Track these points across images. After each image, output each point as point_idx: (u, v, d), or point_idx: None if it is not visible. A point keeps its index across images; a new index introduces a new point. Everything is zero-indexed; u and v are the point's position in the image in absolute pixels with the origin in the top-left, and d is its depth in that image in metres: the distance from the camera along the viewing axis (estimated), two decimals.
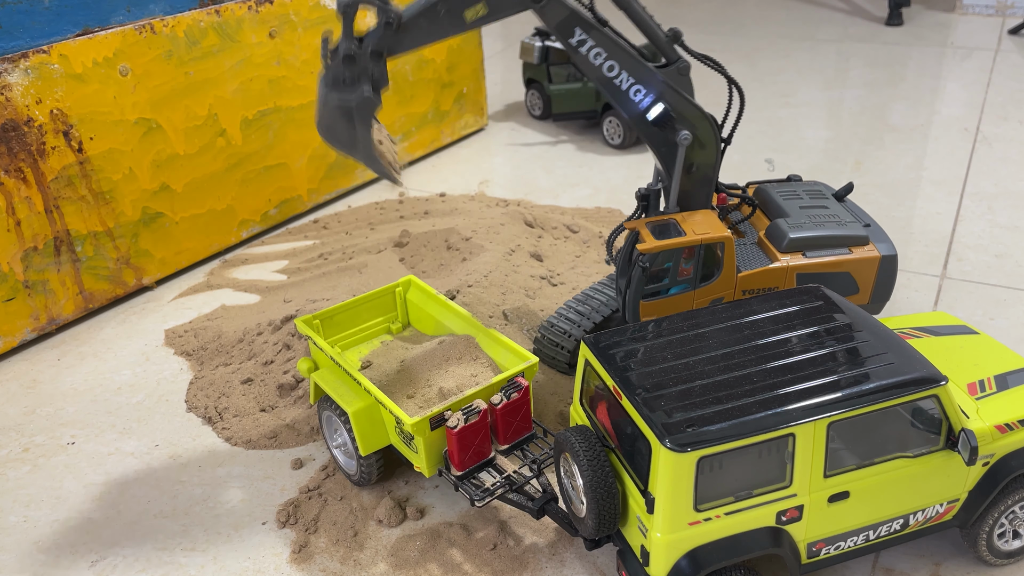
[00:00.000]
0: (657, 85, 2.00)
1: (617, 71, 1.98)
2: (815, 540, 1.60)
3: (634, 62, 1.97)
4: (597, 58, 1.96)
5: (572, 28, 1.93)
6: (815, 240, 2.17)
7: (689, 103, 2.03)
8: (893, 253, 2.20)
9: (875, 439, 1.56)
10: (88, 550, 1.95)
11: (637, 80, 1.99)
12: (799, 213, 2.26)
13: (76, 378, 2.56)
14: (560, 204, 3.46)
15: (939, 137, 3.91)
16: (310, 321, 2.13)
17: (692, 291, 2.10)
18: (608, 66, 1.97)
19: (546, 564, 1.84)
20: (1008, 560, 1.77)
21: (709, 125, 2.06)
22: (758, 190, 2.42)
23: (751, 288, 2.15)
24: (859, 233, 2.19)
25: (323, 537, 1.94)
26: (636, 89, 2.00)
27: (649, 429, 1.48)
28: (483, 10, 1.86)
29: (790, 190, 2.40)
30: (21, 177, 2.56)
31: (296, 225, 3.45)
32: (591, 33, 1.93)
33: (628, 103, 2.02)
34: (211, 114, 3.03)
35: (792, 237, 2.17)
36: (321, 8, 3.30)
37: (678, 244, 2.01)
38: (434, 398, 1.95)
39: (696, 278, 2.08)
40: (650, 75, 1.99)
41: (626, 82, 1.99)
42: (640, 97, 2.01)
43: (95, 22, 2.68)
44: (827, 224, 2.21)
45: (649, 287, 2.06)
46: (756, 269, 2.14)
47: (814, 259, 2.16)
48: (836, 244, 2.18)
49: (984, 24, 5.60)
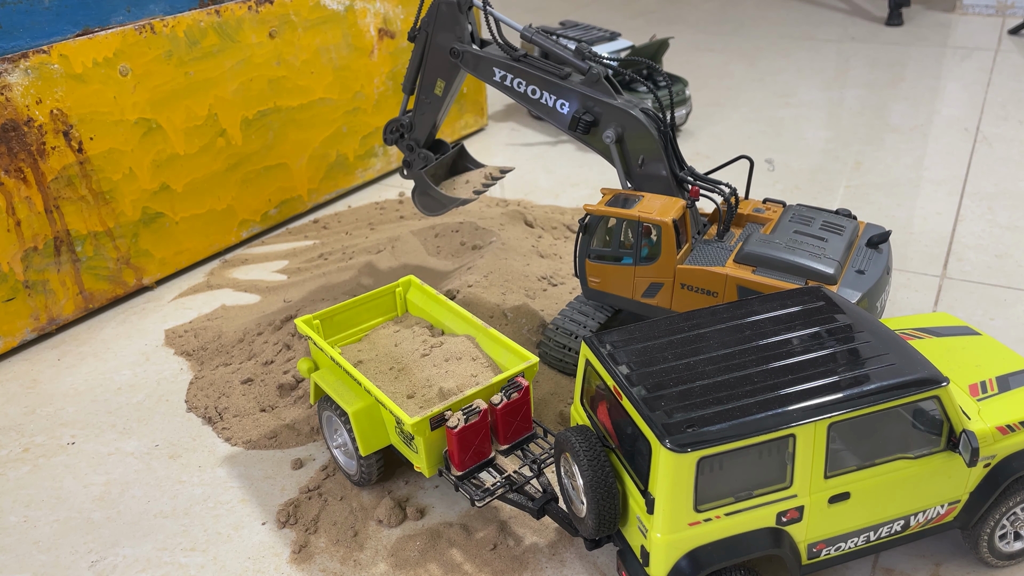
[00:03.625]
0: (576, 96, 2.24)
1: (539, 93, 2.30)
2: (815, 541, 1.59)
3: (550, 82, 2.27)
4: (520, 86, 2.31)
5: (491, 70, 2.33)
6: (772, 260, 2.06)
7: (607, 104, 2.21)
8: None
9: (876, 440, 1.56)
10: (88, 550, 1.95)
11: (558, 96, 2.28)
12: (785, 234, 2.15)
13: (76, 378, 2.56)
14: (560, 204, 3.46)
15: (939, 137, 3.91)
16: (310, 321, 2.13)
17: (633, 267, 2.19)
18: (531, 90, 2.31)
19: (546, 564, 1.84)
20: (1009, 562, 1.77)
21: (635, 118, 2.19)
22: (790, 207, 2.32)
23: (690, 284, 2.13)
24: (828, 271, 2.01)
25: (323, 537, 1.94)
26: (560, 103, 2.28)
27: (649, 429, 1.48)
28: (442, 83, 2.42)
29: (809, 216, 2.25)
30: (21, 177, 2.55)
31: (296, 225, 3.45)
32: (507, 69, 2.30)
33: (558, 117, 2.30)
34: (211, 114, 3.03)
35: (747, 250, 2.09)
36: (321, 8, 3.30)
37: (612, 213, 2.17)
38: (434, 398, 1.95)
39: (636, 254, 2.18)
40: (567, 89, 2.25)
41: (550, 100, 2.29)
42: (564, 109, 2.28)
43: (95, 22, 2.68)
44: (799, 251, 2.07)
45: (595, 248, 2.25)
46: (697, 266, 2.12)
47: (759, 277, 2.04)
48: (793, 271, 2.03)
49: (984, 24, 5.60)
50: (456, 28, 2.32)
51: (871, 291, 2.03)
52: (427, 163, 2.53)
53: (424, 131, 2.51)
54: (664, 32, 5.59)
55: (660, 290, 2.18)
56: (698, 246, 2.22)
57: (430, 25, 2.34)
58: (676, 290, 2.16)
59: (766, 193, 3.44)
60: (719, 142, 3.98)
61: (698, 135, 4.07)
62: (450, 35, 2.33)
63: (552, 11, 6.36)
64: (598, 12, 6.42)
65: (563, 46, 2.27)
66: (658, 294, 2.19)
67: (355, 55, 3.49)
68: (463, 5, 2.30)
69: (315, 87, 3.37)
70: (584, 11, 6.44)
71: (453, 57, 2.33)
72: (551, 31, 4.11)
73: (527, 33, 2.34)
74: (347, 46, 3.45)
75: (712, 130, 4.12)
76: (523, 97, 2.32)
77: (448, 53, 2.34)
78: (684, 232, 2.16)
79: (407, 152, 2.54)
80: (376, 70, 3.61)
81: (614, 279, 2.24)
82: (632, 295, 2.23)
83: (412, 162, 2.57)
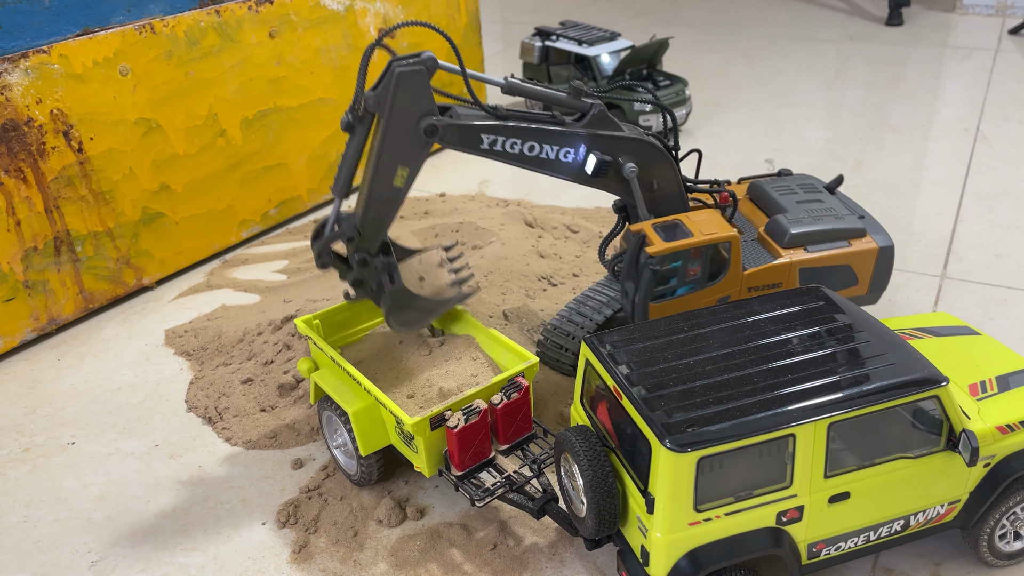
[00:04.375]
0: (581, 139, 2.01)
1: (539, 148, 2.00)
2: (815, 541, 1.59)
3: (548, 132, 1.99)
4: (515, 147, 1.98)
5: (477, 137, 1.95)
6: (815, 235, 2.19)
7: (620, 139, 2.03)
8: (890, 244, 2.22)
9: (876, 440, 1.56)
10: (88, 550, 1.95)
11: (561, 145, 2.01)
12: (796, 208, 2.28)
13: (76, 378, 2.56)
14: (560, 204, 3.46)
15: (939, 137, 3.91)
16: (310, 321, 2.13)
17: (699, 291, 2.10)
18: (528, 147, 1.99)
19: (546, 564, 1.84)
20: (1009, 561, 1.77)
21: (649, 145, 2.07)
22: (752, 185, 2.43)
23: (756, 285, 2.16)
24: (856, 226, 2.21)
25: (323, 537, 1.94)
26: (564, 152, 2.02)
27: (649, 429, 1.48)
28: (404, 171, 1.91)
29: (784, 185, 2.41)
30: (21, 177, 2.55)
31: (296, 225, 3.45)
32: (497, 132, 1.95)
33: (563, 167, 2.04)
34: (211, 114, 3.03)
35: (793, 232, 2.18)
36: (321, 8, 3.30)
37: (687, 245, 2.00)
38: (434, 398, 1.95)
39: (703, 278, 2.09)
40: (569, 135, 2.00)
41: (551, 152, 2.01)
42: (572, 157, 2.03)
43: (95, 22, 2.68)
44: (825, 218, 2.23)
45: (657, 289, 2.06)
46: (761, 266, 2.15)
47: (815, 253, 2.17)
48: (835, 238, 2.20)
49: (984, 24, 5.60)
50: (423, 100, 1.86)
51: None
52: (391, 272, 2.01)
53: (379, 236, 1.96)
54: (664, 32, 5.59)
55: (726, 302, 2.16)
56: None
57: (384, 104, 1.85)
58: (744, 295, 2.17)
59: None
60: (719, 142, 3.98)
61: (698, 135, 4.07)
62: (415, 110, 1.86)
63: (552, 11, 6.36)
64: (598, 12, 6.42)
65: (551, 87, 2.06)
66: None
67: (355, 55, 3.49)
68: (430, 71, 1.86)
69: (315, 87, 3.37)
70: (584, 11, 6.44)
71: (428, 136, 1.87)
72: (551, 31, 4.11)
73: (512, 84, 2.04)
74: (347, 46, 3.45)
75: (712, 130, 4.11)
76: (518, 158, 2.00)
77: (420, 132, 1.87)
78: None
79: (356, 268, 1.97)
80: (376, 70, 3.61)
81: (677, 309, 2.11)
82: None
83: (366, 279, 2.01)
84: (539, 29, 4.13)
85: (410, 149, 1.89)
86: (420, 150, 1.90)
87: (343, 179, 1.95)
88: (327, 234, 1.94)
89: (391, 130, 1.86)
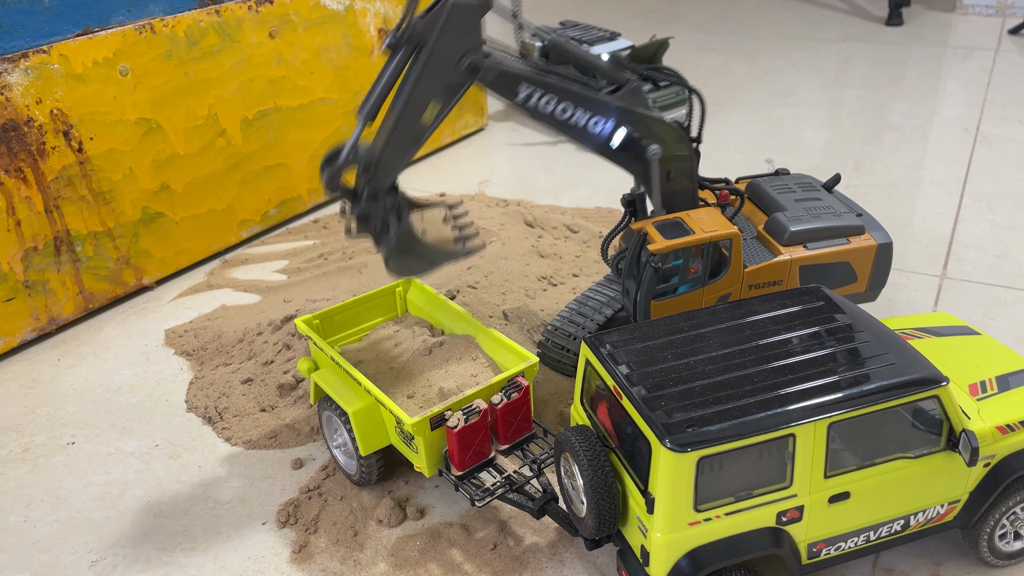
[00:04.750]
0: (613, 111, 1.99)
1: (571, 111, 1.97)
2: (815, 541, 1.59)
3: (584, 97, 1.96)
4: (548, 105, 1.96)
5: (515, 86, 1.93)
6: (815, 232, 2.20)
7: (650, 118, 2.03)
8: (888, 241, 2.23)
9: (876, 440, 1.56)
10: (88, 550, 1.95)
11: (593, 113, 1.98)
12: (795, 206, 2.29)
13: (76, 378, 2.56)
14: (560, 204, 3.46)
15: (939, 137, 3.91)
16: (310, 321, 2.13)
17: (701, 288, 2.11)
18: (561, 109, 1.97)
19: (546, 564, 1.84)
20: (1009, 561, 1.77)
21: (676, 131, 2.08)
22: (750, 185, 2.44)
23: (757, 283, 2.16)
24: (855, 223, 2.23)
25: (323, 537, 1.94)
26: (594, 121, 2.00)
27: (649, 429, 1.48)
28: (436, 107, 1.87)
29: (782, 184, 2.42)
30: (21, 177, 2.55)
31: (296, 225, 3.45)
32: (536, 84, 1.94)
33: (590, 137, 2.01)
34: (211, 114, 3.03)
35: (793, 230, 2.19)
36: (321, 8, 3.30)
37: (689, 243, 2.01)
38: (434, 398, 1.95)
39: (705, 275, 2.10)
40: (603, 104, 1.98)
41: (583, 118, 1.99)
42: (600, 128, 2.00)
43: (95, 22, 2.68)
44: (824, 216, 2.24)
45: (659, 287, 2.06)
46: (762, 264, 2.15)
47: (815, 251, 2.18)
48: (834, 235, 2.21)
49: (984, 24, 5.60)
50: (471, 37, 1.84)
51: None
52: (400, 212, 1.93)
53: (394, 172, 1.89)
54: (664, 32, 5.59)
55: (728, 300, 2.17)
56: None
57: (432, 33, 1.79)
58: (744, 293, 2.18)
59: None
60: (719, 142, 3.98)
61: None
62: (461, 46, 1.82)
63: (552, 11, 6.36)
64: (598, 12, 6.42)
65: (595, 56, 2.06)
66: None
67: (355, 55, 3.49)
68: (484, 8, 1.84)
69: (315, 87, 3.37)
70: (584, 11, 6.44)
71: (470, 73, 1.84)
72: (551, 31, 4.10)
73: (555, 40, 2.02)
74: (347, 46, 3.45)
75: (712, 130, 4.11)
76: (548, 118, 1.98)
77: (462, 69, 1.83)
78: None
79: (366, 203, 1.88)
80: (376, 70, 3.61)
81: (679, 309, 2.13)
82: None
83: (372, 214, 1.91)
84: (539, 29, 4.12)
85: (448, 84, 1.85)
86: (457, 87, 1.87)
87: (373, 102, 1.86)
88: (342, 159, 1.84)
89: (433, 61, 1.81)
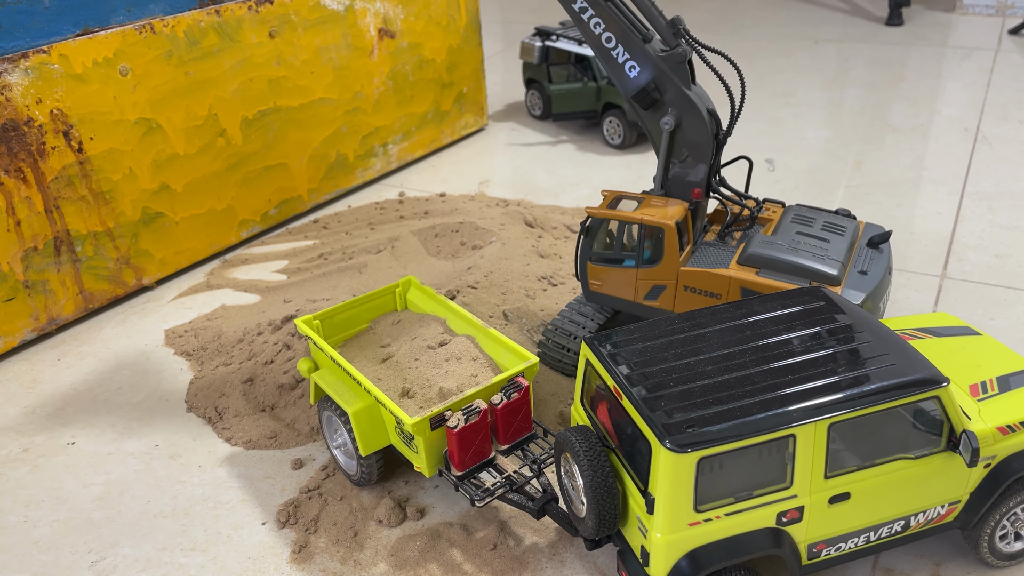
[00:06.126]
0: (651, 65, 2.07)
1: (614, 43, 2.08)
2: (816, 541, 1.59)
3: (631, 39, 2.06)
4: (596, 28, 2.08)
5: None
6: (776, 262, 2.06)
7: (680, 91, 2.07)
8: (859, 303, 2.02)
9: (876, 440, 1.56)
10: (88, 550, 1.95)
11: (632, 56, 2.08)
12: (789, 235, 2.15)
13: (76, 378, 2.56)
14: (560, 204, 3.46)
15: (939, 137, 3.91)
16: (310, 321, 2.13)
17: (635, 270, 2.18)
18: (606, 37, 2.08)
19: (546, 564, 1.84)
20: (1010, 562, 1.77)
21: (700, 115, 2.08)
22: (791, 206, 2.32)
23: (693, 286, 2.13)
24: (832, 272, 2.02)
25: (323, 537, 1.94)
26: (631, 65, 2.09)
27: (649, 429, 1.48)
28: None
29: (810, 217, 2.25)
30: (21, 177, 2.55)
31: (296, 225, 3.45)
32: (593, 5, 2.06)
33: (623, 78, 2.11)
34: (211, 114, 3.03)
35: (751, 252, 2.09)
36: (321, 8, 3.30)
37: (615, 216, 2.14)
38: (434, 398, 1.95)
39: (639, 257, 2.16)
40: (646, 56, 2.06)
41: (622, 56, 2.09)
42: (635, 74, 2.09)
43: (95, 22, 2.68)
44: (802, 253, 2.07)
45: (596, 251, 2.22)
46: (702, 268, 2.11)
47: (763, 279, 2.04)
48: (797, 273, 2.03)
49: (984, 24, 5.60)
50: None
51: (874, 292, 2.04)
52: None
53: None
54: None
55: (662, 293, 2.18)
56: (700, 248, 2.21)
57: None
58: (679, 292, 2.16)
59: (766, 193, 3.44)
60: None
61: None
62: None
63: (552, 11, 6.35)
64: None
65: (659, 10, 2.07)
66: (660, 296, 2.18)
67: (355, 55, 3.49)
68: None
69: (315, 87, 3.37)
70: None
71: None
72: (551, 31, 4.11)
73: None
74: (347, 46, 3.45)
75: None
76: (592, 39, 2.10)
77: None
78: (687, 234, 2.16)
79: None
80: (376, 70, 3.61)
81: (616, 282, 2.24)
82: (634, 297, 2.22)
83: None
84: (539, 29, 4.13)
85: None
86: None
87: None
88: None
89: None
